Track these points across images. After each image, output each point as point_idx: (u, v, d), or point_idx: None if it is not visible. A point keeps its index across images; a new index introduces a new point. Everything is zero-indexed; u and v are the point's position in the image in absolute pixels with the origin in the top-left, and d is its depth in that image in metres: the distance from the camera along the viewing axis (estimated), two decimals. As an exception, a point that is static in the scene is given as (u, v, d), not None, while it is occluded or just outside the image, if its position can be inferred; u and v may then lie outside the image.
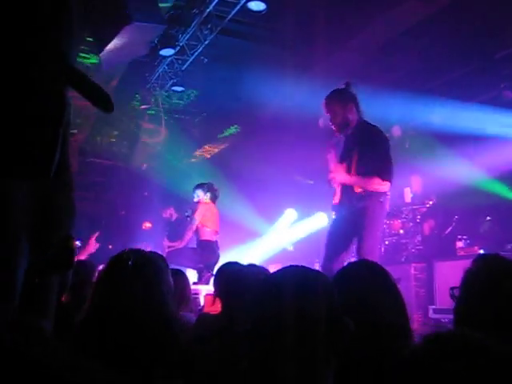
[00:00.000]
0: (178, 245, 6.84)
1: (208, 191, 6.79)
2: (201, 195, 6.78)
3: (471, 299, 1.71)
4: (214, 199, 6.84)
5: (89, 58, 7.75)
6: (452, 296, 1.87)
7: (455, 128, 6.64)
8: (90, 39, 6.85)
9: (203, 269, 6.63)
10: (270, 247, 9.38)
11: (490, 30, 6.37)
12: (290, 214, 9.31)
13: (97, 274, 3.36)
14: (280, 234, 9.40)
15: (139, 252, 2.22)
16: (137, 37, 6.30)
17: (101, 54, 6.67)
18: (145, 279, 2.05)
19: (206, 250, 6.66)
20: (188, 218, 6.80)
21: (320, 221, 8.94)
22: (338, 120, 4.10)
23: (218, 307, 2.88)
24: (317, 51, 7.67)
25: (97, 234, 5.61)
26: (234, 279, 2.62)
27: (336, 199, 4.17)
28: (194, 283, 6.72)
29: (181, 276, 3.52)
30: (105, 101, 0.85)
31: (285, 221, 9.39)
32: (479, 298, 1.68)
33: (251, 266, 3.02)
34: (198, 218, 6.61)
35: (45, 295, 0.74)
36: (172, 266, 6.81)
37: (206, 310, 4.41)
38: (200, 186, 6.88)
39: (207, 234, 6.73)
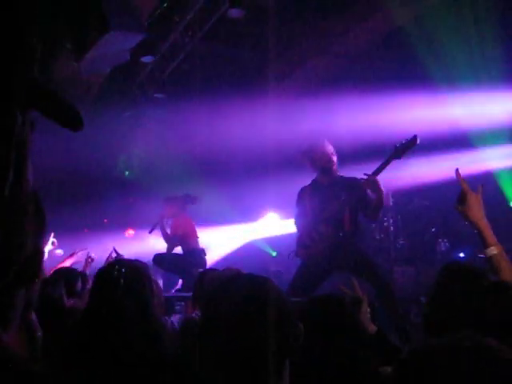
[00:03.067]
0: None
1: (179, 202, 6.83)
2: (175, 207, 6.81)
3: (440, 309, 1.72)
4: (185, 208, 6.89)
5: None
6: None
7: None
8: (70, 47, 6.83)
9: (189, 276, 6.61)
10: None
11: (471, 34, 6.45)
12: (271, 217, 9.29)
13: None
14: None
15: (128, 264, 2.21)
16: (117, 45, 6.30)
17: (81, 62, 6.65)
18: (136, 293, 2.04)
19: (193, 258, 6.65)
20: None
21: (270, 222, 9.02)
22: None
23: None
24: (295, 57, 7.72)
25: (85, 251, 5.61)
26: (210, 288, 2.60)
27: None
28: (177, 290, 6.70)
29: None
30: (72, 120, 0.83)
31: (265, 224, 9.37)
32: (448, 307, 1.69)
33: (226, 270, 3.01)
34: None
35: (8, 309, 0.74)
36: (158, 269, 6.72)
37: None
38: (171, 199, 6.90)
39: (193, 243, 6.74)
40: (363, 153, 6.43)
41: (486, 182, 6.58)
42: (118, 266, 2.08)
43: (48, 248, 5.57)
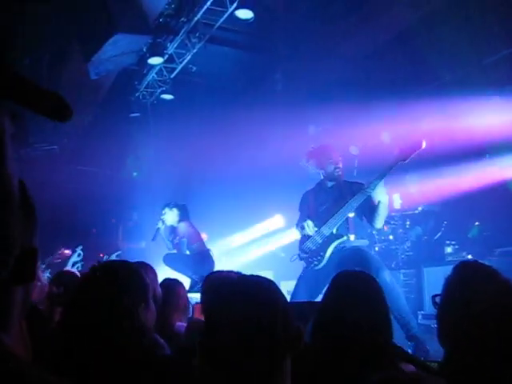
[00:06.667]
0: None
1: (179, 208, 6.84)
2: (175, 213, 6.81)
3: (453, 306, 1.71)
4: (186, 213, 6.91)
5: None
6: (434, 304, 1.88)
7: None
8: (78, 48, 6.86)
9: (198, 278, 6.60)
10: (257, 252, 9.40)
11: (479, 35, 6.39)
12: (278, 219, 9.27)
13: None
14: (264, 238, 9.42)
15: (125, 265, 2.18)
16: (124, 46, 6.32)
17: (89, 64, 6.68)
18: (129, 294, 2.01)
19: (202, 259, 6.66)
20: None
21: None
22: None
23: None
24: (305, 58, 7.70)
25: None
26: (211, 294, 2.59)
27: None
28: (187, 291, 6.69)
29: (179, 286, 3.58)
30: (58, 108, 0.77)
31: (271, 226, 9.35)
32: (461, 304, 1.68)
33: (231, 273, 2.99)
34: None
35: (6, 308, 0.73)
36: (167, 269, 6.68)
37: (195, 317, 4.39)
38: (170, 206, 6.89)
39: (200, 245, 6.76)
40: (371, 156, 6.40)
41: (500, 192, 6.54)
42: (108, 269, 2.05)
43: (74, 259, 5.60)
